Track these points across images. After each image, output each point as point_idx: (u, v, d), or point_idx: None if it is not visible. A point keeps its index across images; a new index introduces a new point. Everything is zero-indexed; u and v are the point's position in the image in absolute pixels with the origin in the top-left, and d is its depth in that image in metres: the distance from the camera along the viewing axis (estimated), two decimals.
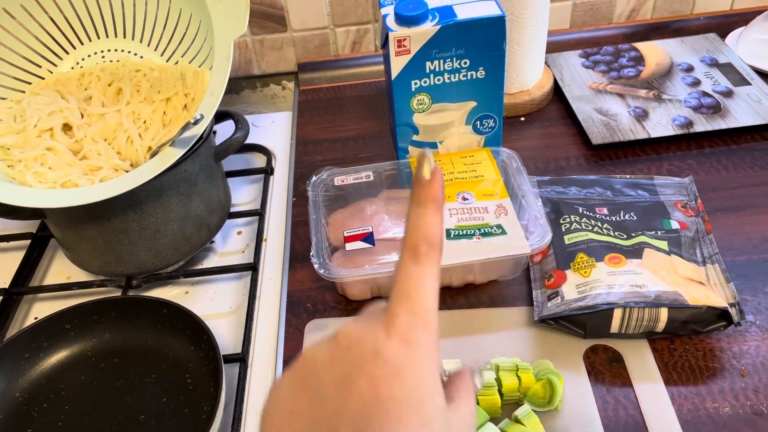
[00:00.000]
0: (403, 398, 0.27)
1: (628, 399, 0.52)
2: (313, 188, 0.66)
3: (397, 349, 0.28)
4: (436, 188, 0.31)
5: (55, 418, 0.54)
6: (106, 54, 0.72)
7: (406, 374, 0.27)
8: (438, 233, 0.30)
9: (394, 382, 0.27)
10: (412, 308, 0.29)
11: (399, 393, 0.27)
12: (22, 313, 0.67)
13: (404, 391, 0.27)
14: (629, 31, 0.95)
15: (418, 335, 0.28)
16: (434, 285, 0.30)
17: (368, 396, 0.27)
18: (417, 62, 0.63)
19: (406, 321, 0.28)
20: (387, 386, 0.27)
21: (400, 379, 0.27)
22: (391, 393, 0.27)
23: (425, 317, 0.29)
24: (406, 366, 0.27)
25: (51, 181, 0.59)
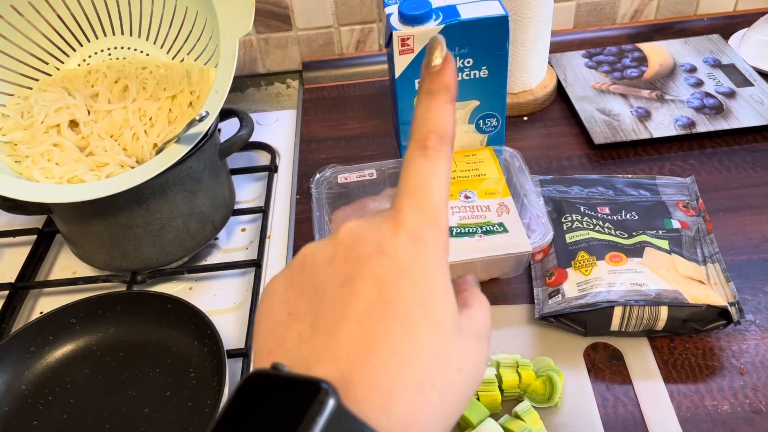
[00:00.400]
0: (411, 298, 0.25)
1: (628, 396, 0.52)
2: (317, 186, 0.66)
3: (404, 246, 0.26)
4: (448, 76, 0.28)
5: (61, 410, 0.55)
6: (112, 51, 0.72)
7: (414, 273, 0.25)
8: (449, 126, 0.28)
9: (402, 281, 0.25)
10: (419, 204, 0.27)
11: (407, 293, 0.25)
12: (28, 307, 0.68)
13: (412, 291, 0.25)
14: (633, 32, 0.95)
15: (427, 233, 0.26)
16: (444, 181, 0.28)
17: (374, 296, 0.25)
18: (420, 61, 0.63)
19: (414, 217, 0.26)
20: (394, 285, 0.25)
21: (408, 278, 0.25)
22: (398, 293, 0.25)
23: (434, 214, 0.27)
24: (414, 264, 0.25)
25: (57, 177, 0.60)
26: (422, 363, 0.24)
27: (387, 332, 0.24)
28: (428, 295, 0.25)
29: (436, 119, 0.28)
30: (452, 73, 0.28)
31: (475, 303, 0.29)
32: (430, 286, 0.25)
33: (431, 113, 0.28)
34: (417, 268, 0.25)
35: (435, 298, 0.25)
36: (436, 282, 0.26)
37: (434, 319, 0.25)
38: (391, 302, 0.25)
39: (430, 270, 0.26)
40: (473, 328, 0.28)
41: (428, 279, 0.26)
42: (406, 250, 0.26)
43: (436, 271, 0.26)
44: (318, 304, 0.26)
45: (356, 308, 0.25)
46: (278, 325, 0.26)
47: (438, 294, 0.26)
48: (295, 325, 0.26)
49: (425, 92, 0.28)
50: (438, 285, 0.26)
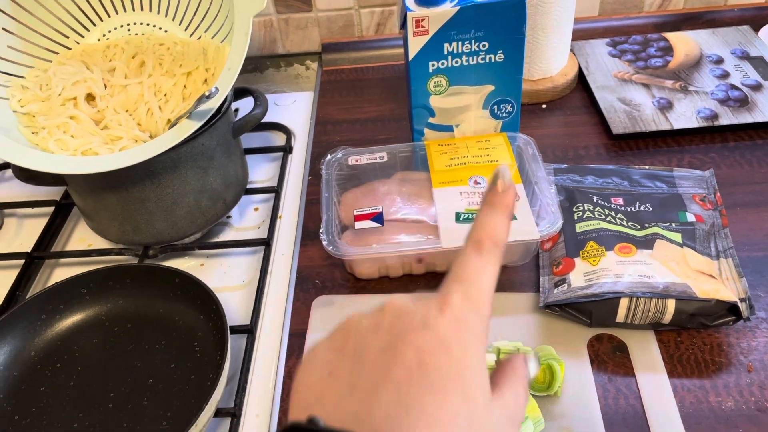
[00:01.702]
0: (448, 371, 0.27)
1: (630, 389, 0.51)
2: (327, 167, 0.66)
3: (447, 324, 0.28)
4: (509, 198, 0.32)
5: (68, 377, 0.56)
6: (131, 27, 0.73)
7: (453, 349, 0.27)
8: (503, 235, 0.31)
9: (441, 354, 0.27)
10: (466, 291, 0.29)
11: (445, 365, 0.27)
12: (44, 276, 0.69)
13: (450, 364, 0.27)
14: (660, 21, 0.93)
15: (470, 316, 0.28)
16: (492, 278, 0.30)
17: (413, 364, 0.27)
18: (435, 43, 0.62)
19: (460, 301, 0.29)
20: (433, 357, 0.27)
21: (447, 352, 0.27)
22: (437, 364, 0.27)
23: (479, 302, 0.29)
24: (455, 342, 0.27)
25: (72, 149, 0.61)
26: (453, 430, 0.26)
27: (422, 399, 0.26)
28: (464, 370, 0.27)
29: (494, 227, 0.31)
30: (513, 197, 0.32)
31: (507, 383, 0.31)
32: (466, 362, 0.27)
33: (490, 221, 0.31)
34: (456, 344, 0.27)
35: (470, 373, 0.27)
36: (472, 359, 0.28)
37: (468, 393, 0.27)
38: (429, 372, 0.26)
39: (468, 348, 0.28)
40: (501, 406, 0.29)
41: (465, 355, 0.27)
42: (449, 327, 0.28)
43: (473, 350, 0.28)
44: (359, 367, 0.28)
45: (395, 373, 0.27)
46: (318, 382, 0.28)
47: (473, 371, 0.28)
48: (334, 384, 0.28)
49: (488, 204, 0.32)
50: (474, 362, 0.28)
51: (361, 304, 0.60)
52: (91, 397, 0.55)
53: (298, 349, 0.57)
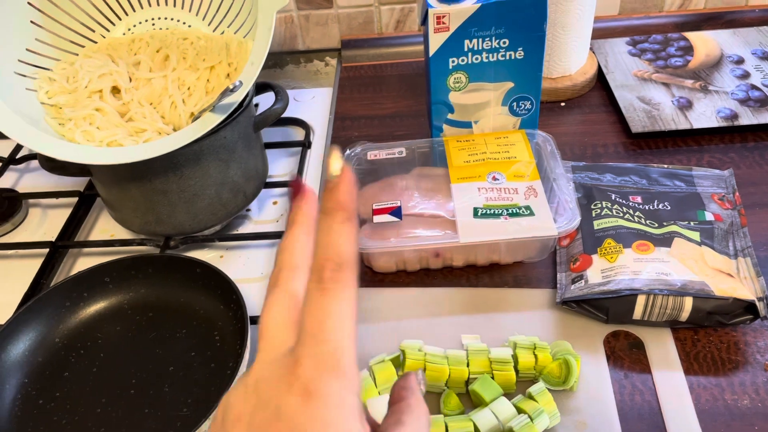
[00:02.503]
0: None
1: (646, 385, 0.52)
2: (346, 162, 0.67)
3: (296, 406, 0.24)
4: (344, 193, 0.26)
5: (91, 364, 0.57)
6: (156, 21, 0.74)
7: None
8: (348, 249, 0.26)
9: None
10: (316, 350, 0.25)
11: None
12: (68, 265, 0.71)
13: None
14: (680, 21, 0.92)
15: (324, 384, 0.24)
16: (345, 317, 0.25)
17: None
18: (455, 40, 0.63)
19: (310, 367, 0.24)
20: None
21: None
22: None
23: (333, 359, 0.24)
24: (309, 426, 0.24)
25: (98, 140, 0.62)
26: None
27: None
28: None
29: (332, 244, 0.26)
30: (347, 190, 0.26)
31: (407, 419, 0.29)
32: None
33: (326, 237, 0.26)
34: (313, 428, 0.24)
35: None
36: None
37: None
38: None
39: (328, 426, 0.24)
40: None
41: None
42: (300, 410, 0.24)
43: (335, 425, 0.24)
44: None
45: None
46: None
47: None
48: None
49: (322, 211, 0.26)
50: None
51: (379, 297, 0.60)
52: (114, 383, 0.56)
53: None
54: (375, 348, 0.55)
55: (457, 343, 0.55)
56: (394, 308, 0.59)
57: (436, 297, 0.60)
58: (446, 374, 0.51)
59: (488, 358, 0.52)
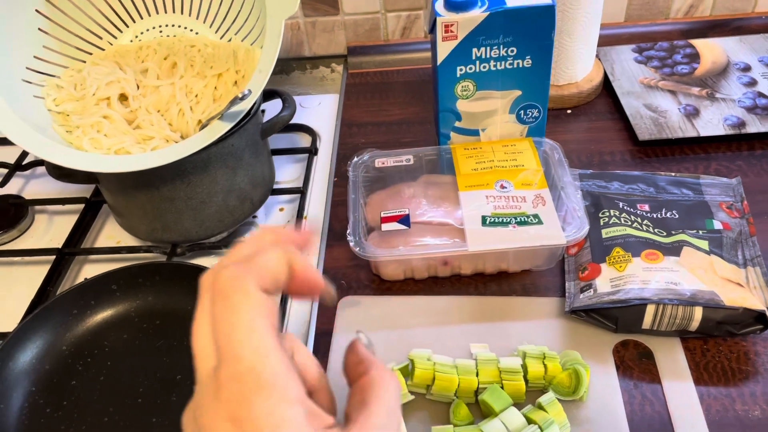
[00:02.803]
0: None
1: (656, 395, 0.51)
2: (354, 169, 0.67)
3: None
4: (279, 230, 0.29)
5: (98, 372, 0.57)
6: (163, 29, 0.74)
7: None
8: (248, 256, 0.27)
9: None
10: (234, 371, 0.24)
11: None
12: (74, 272, 0.71)
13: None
14: (686, 28, 0.92)
15: (249, 409, 0.24)
16: (251, 323, 0.25)
17: None
18: (463, 48, 0.63)
19: (232, 391, 0.24)
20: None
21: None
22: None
23: (251, 376, 0.24)
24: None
25: (106, 148, 0.62)
26: None
27: None
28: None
29: (233, 254, 0.28)
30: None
31: (372, 397, 0.27)
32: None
33: (235, 249, 0.28)
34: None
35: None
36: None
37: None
38: None
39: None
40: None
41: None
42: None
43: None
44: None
45: None
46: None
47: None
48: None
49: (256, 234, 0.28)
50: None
51: (387, 305, 0.60)
52: (121, 392, 0.56)
53: (323, 349, 0.58)
54: (383, 357, 0.55)
55: (465, 352, 0.55)
56: (402, 316, 0.59)
57: (444, 305, 0.60)
58: (455, 384, 0.51)
59: (497, 367, 0.51)
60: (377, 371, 0.29)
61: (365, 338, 0.31)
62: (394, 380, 0.29)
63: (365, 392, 0.28)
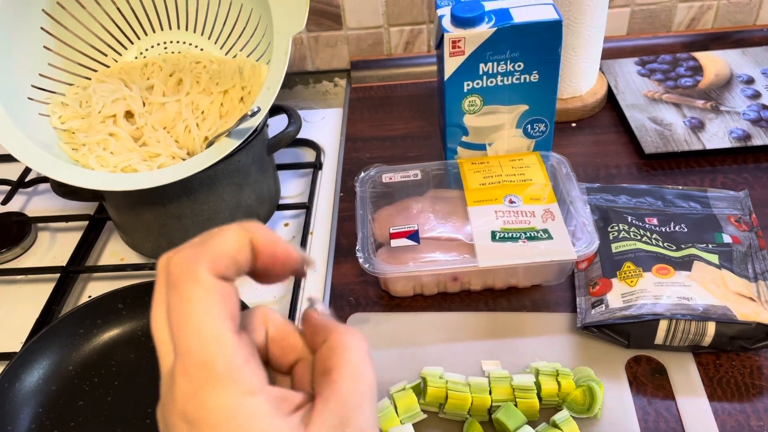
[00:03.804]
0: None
1: (670, 412, 0.51)
2: (361, 184, 0.67)
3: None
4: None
5: (105, 392, 0.57)
6: (168, 45, 0.74)
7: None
8: (203, 244, 0.25)
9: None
10: (186, 366, 0.23)
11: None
12: (78, 290, 0.70)
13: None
14: (688, 41, 0.93)
15: (202, 405, 0.23)
16: (202, 314, 0.24)
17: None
18: (471, 64, 0.63)
19: (184, 387, 0.23)
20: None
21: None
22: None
23: (204, 370, 0.23)
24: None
25: (112, 166, 0.62)
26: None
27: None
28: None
29: (189, 242, 0.26)
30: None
31: (336, 364, 0.25)
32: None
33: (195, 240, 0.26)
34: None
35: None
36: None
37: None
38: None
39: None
40: (332, 417, 0.24)
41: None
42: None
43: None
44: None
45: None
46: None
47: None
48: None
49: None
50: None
51: (396, 322, 0.60)
52: (129, 412, 0.55)
53: None
54: (394, 374, 0.55)
55: (477, 369, 0.55)
56: (412, 333, 0.59)
57: (455, 321, 0.59)
58: (469, 402, 0.50)
59: (511, 385, 0.51)
60: (337, 334, 0.26)
61: (321, 305, 0.28)
62: (356, 338, 0.26)
63: (327, 360, 0.25)
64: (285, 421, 0.23)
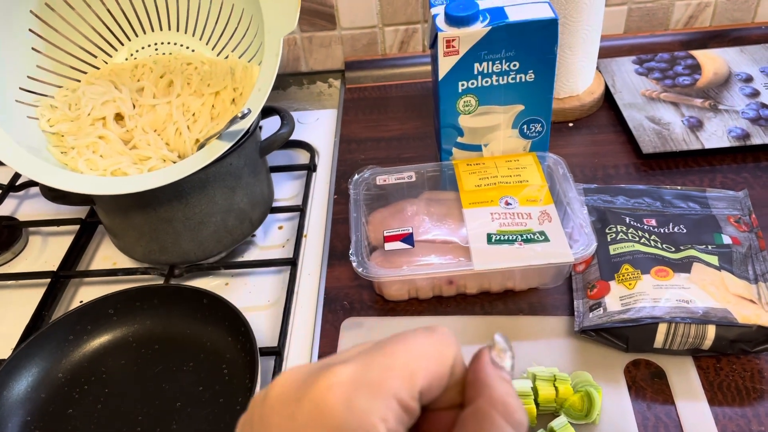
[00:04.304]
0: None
1: (670, 417, 0.50)
2: (355, 187, 0.66)
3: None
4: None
5: (95, 400, 0.56)
6: (159, 46, 0.73)
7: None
8: None
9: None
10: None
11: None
12: (69, 295, 0.69)
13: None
14: (686, 39, 0.92)
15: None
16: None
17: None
18: (465, 63, 0.62)
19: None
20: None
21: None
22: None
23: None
24: None
25: (102, 169, 0.61)
26: None
27: None
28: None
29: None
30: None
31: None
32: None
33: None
34: None
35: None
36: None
37: None
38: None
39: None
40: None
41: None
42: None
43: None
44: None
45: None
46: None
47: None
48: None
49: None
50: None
51: (391, 326, 0.59)
52: (119, 420, 0.54)
53: None
54: None
55: None
56: None
57: (450, 326, 0.58)
58: None
59: None
60: (484, 402, 0.21)
61: (502, 341, 0.23)
62: (503, 420, 0.21)
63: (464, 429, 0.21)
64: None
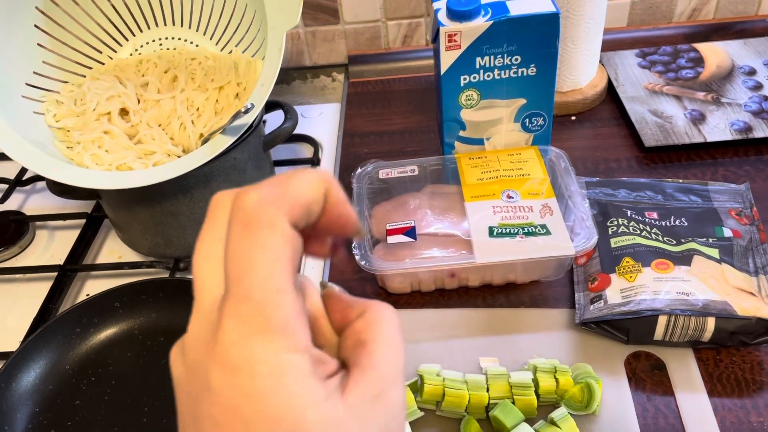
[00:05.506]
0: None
1: (669, 408, 0.51)
2: (358, 180, 0.66)
3: (222, 379, 0.21)
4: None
5: (102, 391, 0.57)
6: (163, 42, 0.74)
7: (244, 411, 0.21)
8: (284, 184, 0.23)
9: (234, 423, 0.21)
10: (239, 309, 0.21)
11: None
12: (75, 288, 0.70)
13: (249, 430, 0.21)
14: (689, 32, 0.92)
15: (248, 352, 0.21)
16: (271, 261, 0.22)
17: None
18: (467, 57, 0.62)
19: (232, 331, 0.21)
20: (229, 429, 0.21)
21: (239, 418, 0.21)
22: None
23: (259, 319, 0.21)
24: (241, 401, 0.21)
25: (107, 164, 0.61)
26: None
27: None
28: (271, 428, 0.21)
29: (270, 179, 0.23)
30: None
31: (371, 337, 0.24)
32: (266, 415, 0.21)
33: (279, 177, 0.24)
34: (246, 403, 0.21)
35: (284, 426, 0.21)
36: (272, 409, 0.21)
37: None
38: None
39: (262, 399, 0.21)
40: (369, 388, 0.23)
41: (261, 411, 0.21)
42: (228, 383, 0.21)
43: (273, 400, 0.21)
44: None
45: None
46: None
47: (290, 418, 0.21)
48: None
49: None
50: (278, 411, 0.21)
51: None
52: (126, 412, 0.55)
53: None
54: None
55: (474, 366, 0.55)
56: (409, 330, 0.58)
57: (452, 318, 0.59)
58: (466, 400, 0.50)
59: (508, 382, 0.51)
60: (376, 308, 0.25)
61: (338, 287, 0.27)
62: (393, 312, 0.25)
63: (362, 333, 0.24)
64: (322, 385, 0.22)
